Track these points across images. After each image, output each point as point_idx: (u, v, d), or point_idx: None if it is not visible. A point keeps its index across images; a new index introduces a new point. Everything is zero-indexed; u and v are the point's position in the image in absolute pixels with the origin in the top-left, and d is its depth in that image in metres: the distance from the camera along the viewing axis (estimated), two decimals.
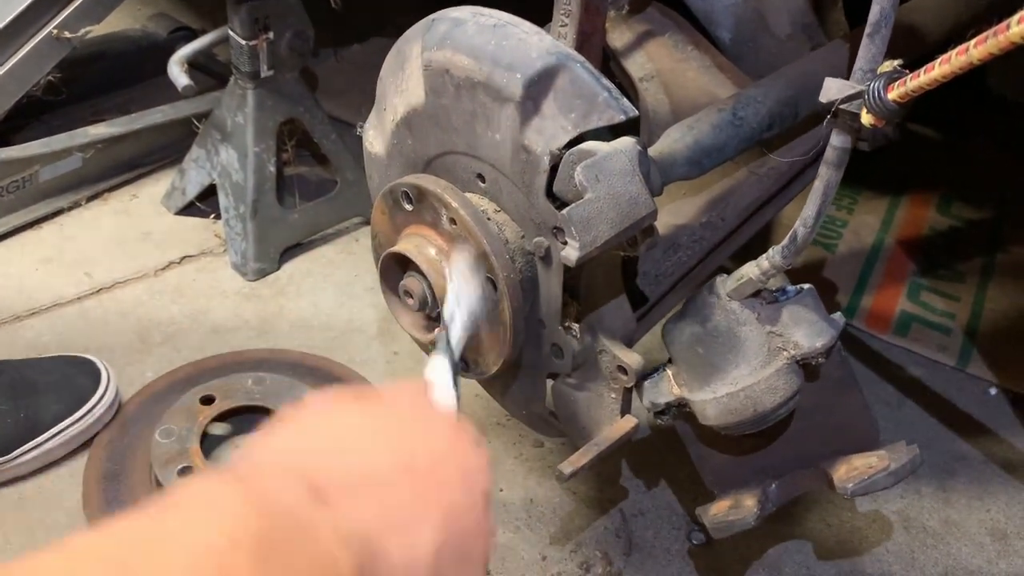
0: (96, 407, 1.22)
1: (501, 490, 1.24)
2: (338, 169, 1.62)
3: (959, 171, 1.92)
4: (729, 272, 0.86)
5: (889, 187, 1.86)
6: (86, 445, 1.23)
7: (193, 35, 1.97)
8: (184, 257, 1.56)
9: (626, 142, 0.78)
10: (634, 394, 0.91)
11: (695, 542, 1.20)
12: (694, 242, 1.09)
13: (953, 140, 1.98)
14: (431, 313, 0.91)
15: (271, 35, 1.43)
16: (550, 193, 0.81)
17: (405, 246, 0.89)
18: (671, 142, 1.02)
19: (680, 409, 0.87)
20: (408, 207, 0.90)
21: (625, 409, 0.90)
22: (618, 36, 1.33)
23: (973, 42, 0.52)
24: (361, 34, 2.10)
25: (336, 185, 1.63)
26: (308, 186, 1.70)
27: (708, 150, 1.02)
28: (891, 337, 1.53)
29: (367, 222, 1.66)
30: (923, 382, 1.47)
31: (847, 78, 1.14)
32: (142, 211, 1.65)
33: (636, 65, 1.34)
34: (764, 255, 0.79)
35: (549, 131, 0.80)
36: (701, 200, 1.14)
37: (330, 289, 1.54)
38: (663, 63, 1.34)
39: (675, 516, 1.23)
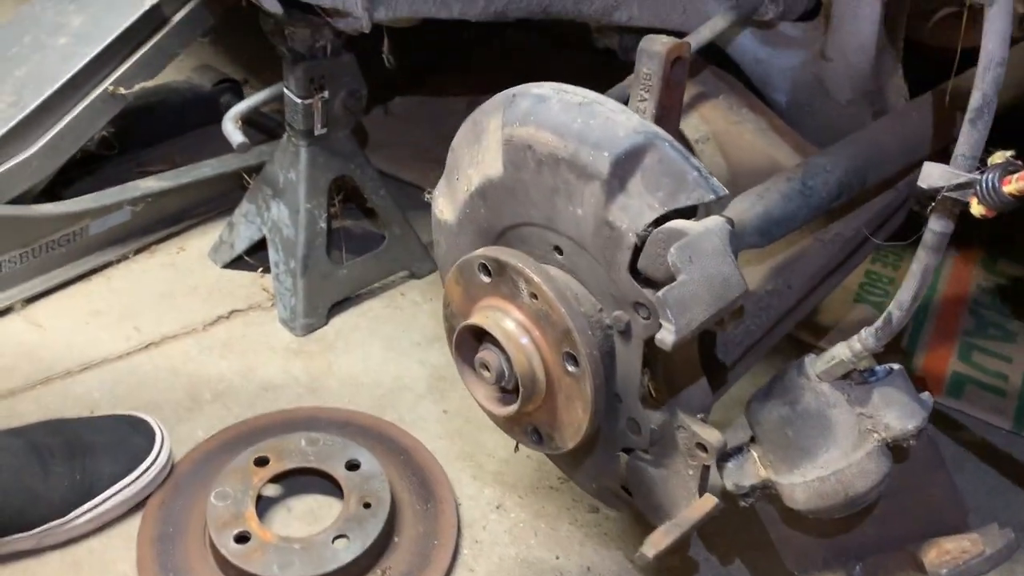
0: (151, 468, 1.21)
1: (557, 557, 1.22)
2: (386, 224, 1.62)
3: (1002, 227, 1.90)
4: (799, 344, 0.85)
5: None
6: (139, 506, 1.22)
7: (237, 87, 1.99)
8: (232, 311, 1.56)
9: (717, 221, 0.77)
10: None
11: None
12: (761, 310, 1.08)
13: None
14: (506, 386, 0.90)
15: (326, 94, 1.43)
16: (633, 269, 0.80)
17: (483, 320, 0.88)
18: (740, 212, 1.01)
19: (764, 491, 0.85)
20: (486, 279, 0.89)
21: (703, 487, 0.88)
22: None
23: None
24: (402, 90, 2.11)
25: (383, 239, 1.63)
26: (353, 239, 1.70)
27: (778, 220, 1.01)
28: (945, 399, 1.51)
29: (412, 276, 1.67)
30: (980, 445, 1.44)
31: (918, 149, 1.14)
32: (189, 264, 1.65)
33: (691, 127, 1.34)
34: (855, 336, 0.78)
35: (635, 209, 0.79)
36: (766, 267, 1.13)
37: (377, 344, 1.53)
38: (718, 125, 1.34)
39: None
